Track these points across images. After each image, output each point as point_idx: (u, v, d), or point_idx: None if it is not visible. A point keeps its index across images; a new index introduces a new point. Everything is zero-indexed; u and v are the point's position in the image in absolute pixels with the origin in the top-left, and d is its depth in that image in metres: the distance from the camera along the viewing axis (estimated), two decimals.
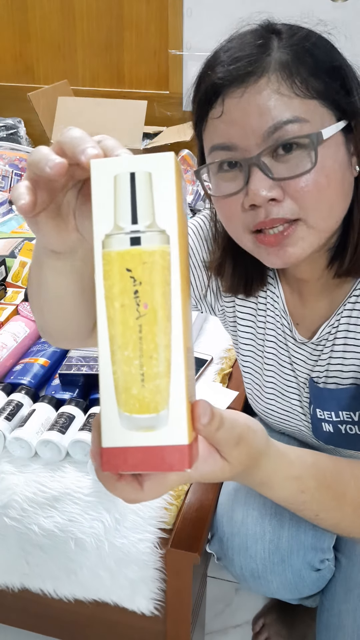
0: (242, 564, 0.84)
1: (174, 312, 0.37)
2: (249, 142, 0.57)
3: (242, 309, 0.82)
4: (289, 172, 0.57)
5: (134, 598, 0.89)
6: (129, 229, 0.37)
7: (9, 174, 2.11)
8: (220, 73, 0.58)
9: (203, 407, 0.41)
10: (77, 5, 2.40)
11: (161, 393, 0.38)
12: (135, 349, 0.37)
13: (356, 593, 0.82)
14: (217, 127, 0.59)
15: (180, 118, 2.39)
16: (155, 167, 0.37)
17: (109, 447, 0.38)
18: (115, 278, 0.38)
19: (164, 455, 0.38)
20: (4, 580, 0.95)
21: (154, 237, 0.37)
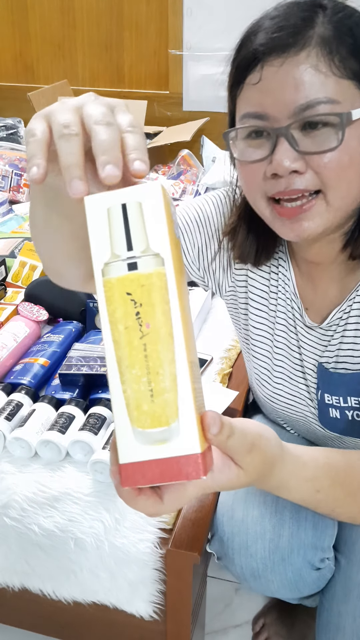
0: (242, 563, 0.84)
1: (175, 328, 0.39)
2: (281, 114, 0.59)
3: (256, 290, 0.82)
4: (314, 147, 0.59)
5: (134, 599, 0.88)
6: (125, 255, 0.39)
7: (9, 174, 2.11)
8: (262, 39, 0.59)
9: (212, 417, 0.43)
10: (77, 5, 2.40)
11: (170, 406, 0.40)
12: (142, 367, 0.40)
13: (356, 593, 0.82)
14: (253, 94, 0.61)
15: (180, 118, 2.39)
16: (144, 197, 0.39)
17: (126, 463, 0.40)
18: (117, 302, 0.40)
19: (179, 465, 0.40)
20: (4, 579, 0.95)
21: (149, 261, 0.39)
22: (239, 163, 0.65)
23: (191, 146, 2.22)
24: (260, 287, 0.82)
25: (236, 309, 0.87)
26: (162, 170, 2.17)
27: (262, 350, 0.84)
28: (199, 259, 0.83)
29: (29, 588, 0.94)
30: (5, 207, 1.98)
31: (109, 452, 0.85)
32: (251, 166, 0.63)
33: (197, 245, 0.82)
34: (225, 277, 0.84)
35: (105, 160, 0.40)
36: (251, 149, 0.62)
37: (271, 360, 0.84)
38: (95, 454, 0.87)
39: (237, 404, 1.05)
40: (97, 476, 0.87)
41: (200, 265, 0.84)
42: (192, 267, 0.84)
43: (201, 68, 2.31)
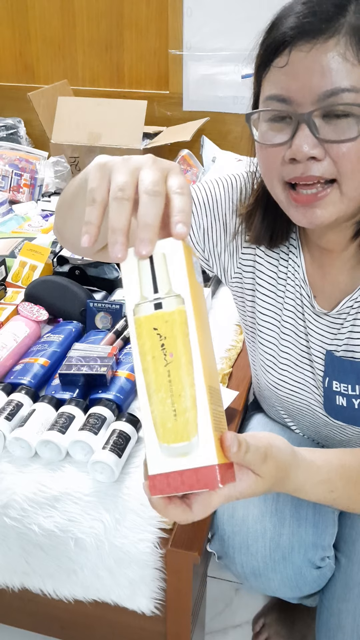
0: (243, 562, 0.84)
1: (194, 356, 0.46)
2: (305, 99, 0.59)
3: (263, 276, 0.82)
4: (334, 136, 0.60)
5: (134, 598, 0.89)
6: (152, 297, 0.47)
7: (9, 174, 2.11)
8: (293, 23, 0.60)
9: (230, 438, 0.48)
10: (77, 5, 2.40)
11: (190, 423, 0.46)
12: (166, 391, 0.46)
13: (356, 592, 0.82)
14: (279, 77, 0.61)
15: (180, 118, 2.38)
16: (168, 249, 0.46)
17: (153, 474, 0.47)
18: (146, 337, 0.47)
19: (198, 475, 0.46)
20: (4, 579, 0.95)
21: (172, 301, 0.47)
22: (258, 146, 0.66)
23: (191, 146, 2.22)
24: (268, 273, 0.82)
25: (242, 295, 0.87)
26: None
27: (269, 337, 0.85)
28: (204, 240, 0.83)
29: (29, 588, 0.94)
30: (5, 207, 1.97)
31: (109, 452, 0.85)
32: (271, 149, 0.64)
33: (202, 227, 0.83)
34: (232, 262, 0.85)
35: (142, 237, 0.45)
36: (272, 132, 0.63)
37: (277, 347, 0.84)
38: (95, 454, 0.87)
39: (237, 404, 1.05)
40: (97, 476, 0.87)
41: (205, 246, 0.84)
42: (197, 248, 0.85)
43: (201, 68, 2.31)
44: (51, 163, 2.17)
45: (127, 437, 0.90)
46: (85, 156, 2.18)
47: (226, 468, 0.48)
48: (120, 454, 0.87)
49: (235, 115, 2.31)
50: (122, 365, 1.06)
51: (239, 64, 2.22)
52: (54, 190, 2.10)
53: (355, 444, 0.87)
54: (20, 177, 2.11)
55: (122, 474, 0.88)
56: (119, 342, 1.13)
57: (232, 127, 2.31)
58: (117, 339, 1.14)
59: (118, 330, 1.16)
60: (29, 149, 2.29)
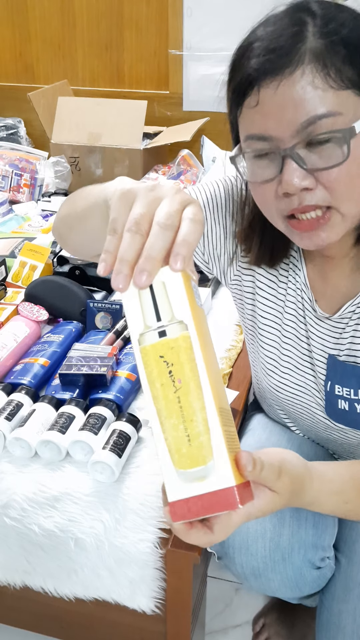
0: (243, 562, 0.84)
1: (202, 380, 0.47)
2: (284, 134, 0.59)
3: (263, 279, 0.82)
4: (321, 163, 0.59)
5: (134, 598, 0.89)
6: (155, 326, 0.48)
7: (9, 174, 2.11)
8: (255, 64, 0.59)
9: (246, 458, 0.49)
10: (77, 5, 2.40)
11: (205, 447, 0.47)
12: (178, 416, 0.47)
13: (356, 593, 0.82)
14: (253, 117, 0.61)
15: (180, 118, 2.38)
16: (167, 277, 0.47)
17: (173, 501, 0.48)
18: (153, 365, 0.48)
19: (218, 498, 0.46)
20: (6, 577, 0.95)
21: (175, 328, 0.47)
22: (250, 184, 0.66)
23: (191, 146, 2.22)
24: (268, 277, 0.82)
25: (241, 298, 0.87)
26: (162, 170, 2.17)
27: (270, 340, 0.85)
28: (203, 243, 0.83)
29: (30, 586, 0.94)
30: (5, 207, 1.97)
31: (109, 452, 0.85)
32: (262, 186, 0.64)
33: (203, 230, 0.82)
34: (231, 266, 0.85)
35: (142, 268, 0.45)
36: (260, 169, 0.63)
37: (279, 350, 0.84)
38: (95, 454, 0.87)
39: (237, 404, 1.05)
40: (97, 476, 0.87)
41: (205, 249, 0.84)
42: (197, 251, 0.84)
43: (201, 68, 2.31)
44: (51, 163, 2.17)
45: (127, 437, 0.90)
46: (85, 156, 2.18)
47: (243, 487, 0.49)
48: (120, 454, 0.87)
49: None
50: (122, 365, 1.06)
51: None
52: (54, 190, 2.10)
53: (355, 447, 0.87)
54: (20, 177, 2.11)
55: (122, 474, 0.88)
56: (119, 342, 1.13)
57: None
58: (117, 339, 1.14)
59: (118, 330, 1.16)
60: (29, 149, 2.29)
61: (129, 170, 2.15)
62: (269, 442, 0.94)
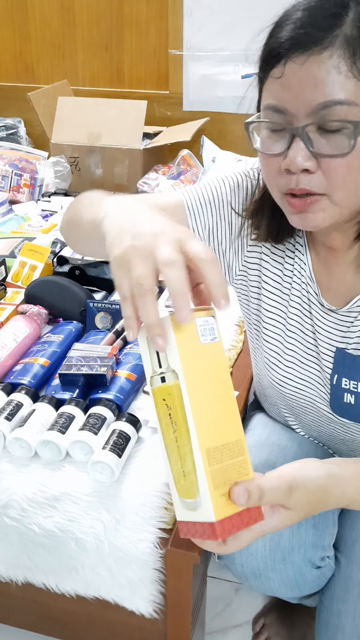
0: (243, 562, 0.84)
1: (190, 427, 0.51)
2: (299, 111, 0.60)
3: (269, 273, 0.83)
4: (327, 150, 0.61)
5: (134, 597, 0.89)
6: (159, 371, 0.53)
7: (9, 174, 2.11)
8: (289, 33, 0.60)
9: (237, 493, 0.52)
10: (77, 5, 2.40)
11: (194, 484, 0.52)
12: (176, 454, 0.53)
13: (355, 592, 0.82)
14: (275, 88, 0.62)
15: (180, 118, 2.38)
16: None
17: (179, 521, 0.55)
18: (159, 405, 0.53)
19: (204, 528, 0.52)
20: (9, 573, 0.95)
21: (170, 376, 0.52)
22: (259, 153, 0.68)
23: (191, 146, 2.22)
24: (273, 271, 0.83)
25: (247, 292, 0.88)
26: (162, 170, 2.17)
27: (274, 334, 0.85)
28: (209, 239, 0.84)
29: (33, 582, 0.94)
30: (5, 207, 1.97)
31: (109, 452, 0.85)
32: (270, 158, 0.66)
33: (208, 226, 0.83)
34: (237, 259, 0.85)
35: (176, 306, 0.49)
36: (271, 141, 0.65)
37: (283, 344, 0.85)
38: (95, 454, 0.87)
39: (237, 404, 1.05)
40: (97, 476, 0.87)
41: (210, 245, 0.84)
42: None
43: (201, 68, 2.31)
44: (51, 163, 2.17)
45: (127, 437, 0.90)
46: (85, 156, 2.18)
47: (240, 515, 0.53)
48: (120, 454, 0.87)
49: (235, 115, 2.30)
50: (122, 365, 1.06)
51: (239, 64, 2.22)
52: (54, 190, 2.10)
53: (358, 443, 0.87)
54: (20, 177, 2.11)
55: (122, 474, 0.88)
56: (119, 342, 1.13)
57: (232, 127, 2.31)
58: (117, 339, 1.14)
59: (118, 330, 1.16)
60: (29, 149, 2.29)
61: (128, 170, 2.15)
62: (269, 441, 0.94)
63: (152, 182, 2.09)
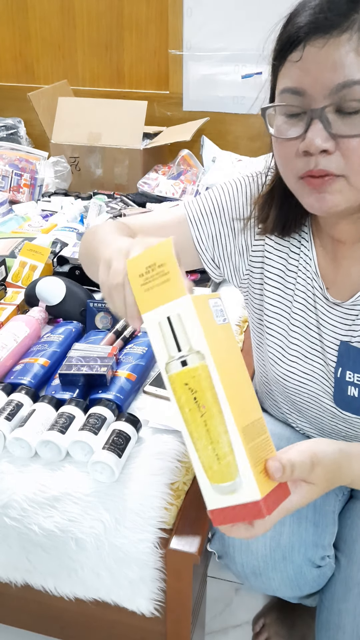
0: (243, 561, 0.84)
1: (223, 406, 0.50)
2: (318, 93, 0.61)
3: (271, 269, 0.84)
4: (346, 131, 0.61)
5: (134, 597, 0.89)
6: (177, 356, 0.52)
7: (9, 174, 2.11)
8: (307, 18, 0.61)
9: (274, 467, 0.53)
10: (77, 5, 2.40)
11: (232, 466, 0.51)
12: (206, 438, 0.52)
13: (356, 592, 0.82)
14: (293, 71, 0.63)
15: (181, 118, 2.39)
16: (180, 309, 0.52)
17: (211, 509, 0.53)
18: (180, 392, 0.52)
19: (247, 509, 0.51)
20: (7, 575, 0.95)
21: (194, 358, 0.51)
22: (274, 139, 0.68)
23: (191, 146, 2.22)
24: (276, 266, 0.84)
25: (250, 290, 0.89)
26: (162, 170, 2.17)
27: (277, 328, 0.86)
28: (213, 247, 0.87)
29: (31, 584, 0.94)
30: (5, 207, 1.97)
31: (109, 452, 0.85)
32: (286, 143, 0.66)
33: (211, 235, 0.86)
34: (242, 261, 0.87)
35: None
36: (287, 126, 0.65)
37: (286, 338, 0.85)
38: (95, 454, 0.87)
39: None
40: (97, 476, 0.87)
41: (215, 252, 0.87)
42: (206, 255, 0.88)
43: (201, 68, 2.31)
44: (51, 163, 2.17)
45: (127, 437, 0.90)
46: (85, 156, 2.18)
47: (275, 491, 0.53)
48: (120, 454, 0.87)
49: (235, 115, 2.31)
50: (122, 365, 1.06)
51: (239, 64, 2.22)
52: (54, 190, 2.10)
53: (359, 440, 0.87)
54: (20, 177, 2.11)
55: (122, 474, 0.88)
56: (119, 342, 1.13)
57: (232, 127, 2.31)
58: (117, 339, 1.14)
59: (118, 330, 1.16)
60: (29, 149, 2.29)
61: (129, 170, 2.15)
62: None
63: (152, 182, 2.09)
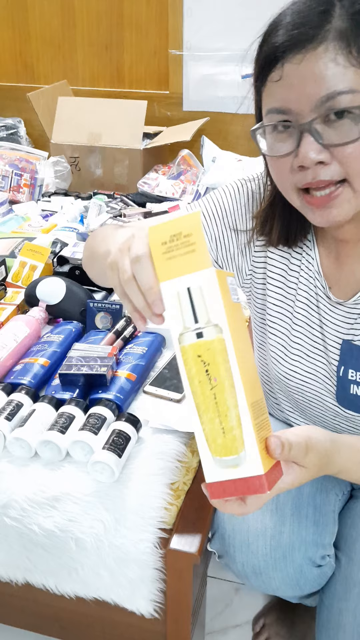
0: (243, 560, 0.85)
1: (235, 380, 0.51)
2: (303, 107, 0.61)
3: (274, 269, 0.85)
4: (337, 139, 0.62)
5: (134, 597, 0.89)
6: (193, 327, 0.52)
7: (9, 174, 2.11)
8: (281, 39, 0.62)
9: (275, 443, 0.54)
10: (77, 5, 2.40)
11: (237, 440, 0.51)
12: (214, 411, 0.52)
13: (356, 591, 0.82)
14: (276, 91, 0.63)
15: (181, 118, 2.39)
16: (203, 281, 0.52)
17: (210, 482, 0.53)
18: (192, 363, 0.52)
19: (248, 483, 0.52)
20: (8, 574, 0.95)
21: (211, 331, 0.51)
22: (268, 157, 0.69)
23: (191, 146, 2.22)
24: (279, 266, 0.84)
25: (253, 291, 0.90)
26: (162, 170, 2.17)
27: (279, 327, 0.86)
28: (217, 248, 0.87)
29: (32, 583, 0.94)
30: (5, 207, 1.98)
31: (109, 452, 0.85)
32: (279, 160, 0.66)
33: (214, 237, 0.86)
34: (245, 262, 0.88)
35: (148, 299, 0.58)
36: (278, 143, 0.66)
37: (289, 337, 0.85)
38: (95, 454, 0.87)
39: None
40: (97, 476, 0.87)
41: (218, 254, 0.87)
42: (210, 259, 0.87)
43: (201, 68, 2.31)
44: (51, 163, 2.17)
45: (127, 437, 0.90)
46: (85, 156, 2.18)
47: (272, 469, 0.54)
48: (120, 454, 0.87)
49: (235, 115, 2.30)
50: (122, 365, 1.06)
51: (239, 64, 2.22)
52: (54, 190, 2.10)
53: None
54: (20, 177, 2.11)
55: (122, 474, 0.88)
56: (119, 342, 1.13)
57: (232, 127, 2.31)
58: (117, 339, 1.14)
59: (118, 330, 1.16)
60: (29, 149, 2.29)
61: (129, 170, 2.15)
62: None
63: (152, 182, 2.09)
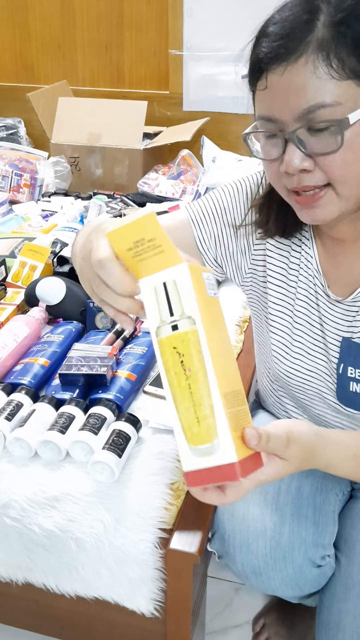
0: (243, 560, 0.85)
1: (208, 371, 0.53)
2: (287, 117, 0.63)
3: (274, 267, 0.86)
4: (319, 148, 0.64)
5: (134, 598, 0.89)
6: (169, 320, 0.54)
7: (9, 174, 2.11)
8: (265, 49, 0.63)
9: (250, 433, 0.55)
10: (77, 5, 2.40)
11: (211, 428, 0.53)
12: (189, 401, 0.53)
13: (356, 592, 0.82)
14: (263, 99, 0.66)
15: (180, 118, 2.39)
16: (176, 275, 0.53)
17: (187, 471, 0.55)
18: (168, 355, 0.54)
19: (223, 471, 0.53)
20: (9, 573, 0.95)
21: (185, 323, 0.53)
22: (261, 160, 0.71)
23: (191, 146, 2.22)
24: (278, 264, 0.85)
25: (254, 289, 0.90)
26: (162, 170, 2.17)
27: (281, 326, 0.87)
28: (215, 246, 0.88)
29: (32, 582, 0.94)
30: (5, 207, 1.97)
31: (109, 452, 0.85)
32: (270, 163, 0.69)
33: (213, 235, 0.87)
34: (245, 259, 0.88)
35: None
36: (269, 147, 0.68)
37: (290, 336, 0.86)
38: (95, 454, 0.87)
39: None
40: (97, 476, 0.87)
41: (217, 252, 0.88)
42: (208, 255, 0.89)
43: (201, 68, 2.31)
44: (51, 163, 2.17)
45: (127, 437, 0.90)
46: (85, 156, 2.18)
47: (249, 459, 0.55)
48: (120, 454, 0.87)
49: (235, 115, 2.31)
50: (122, 365, 1.06)
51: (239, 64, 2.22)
52: (54, 191, 2.10)
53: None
54: (20, 177, 2.11)
55: (122, 474, 0.88)
56: (119, 342, 1.13)
57: (232, 127, 2.31)
58: (117, 339, 1.14)
59: (118, 331, 1.16)
60: (29, 149, 2.29)
61: (129, 170, 2.15)
62: None
63: (152, 182, 2.09)
